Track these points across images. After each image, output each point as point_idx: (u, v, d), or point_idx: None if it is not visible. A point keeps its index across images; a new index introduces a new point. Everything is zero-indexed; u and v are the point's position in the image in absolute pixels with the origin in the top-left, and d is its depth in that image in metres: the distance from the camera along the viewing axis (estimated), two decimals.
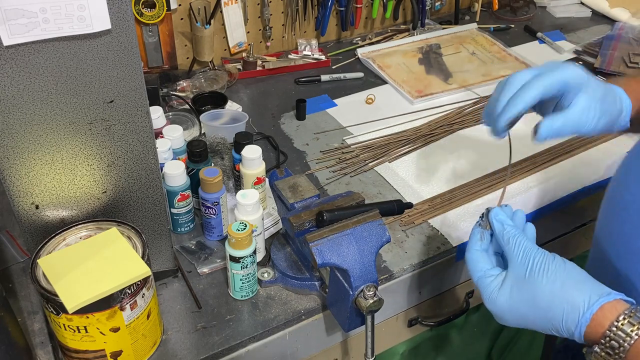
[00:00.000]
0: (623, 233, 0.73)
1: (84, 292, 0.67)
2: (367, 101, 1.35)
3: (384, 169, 1.15)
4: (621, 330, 0.60)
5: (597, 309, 0.61)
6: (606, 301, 0.62)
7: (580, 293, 0.63)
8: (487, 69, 1.47)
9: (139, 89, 0.73)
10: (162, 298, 0.89)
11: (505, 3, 1.78)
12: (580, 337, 0.63)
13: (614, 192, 0.77)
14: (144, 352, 0.79)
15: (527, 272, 0.66)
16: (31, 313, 0.86)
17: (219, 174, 0.92)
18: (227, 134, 1.10)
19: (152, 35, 1.27)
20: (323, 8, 1.47)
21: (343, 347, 1.02)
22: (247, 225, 0.83)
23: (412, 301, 1.04)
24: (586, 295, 0.62)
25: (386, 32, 1.63)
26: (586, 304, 0.62)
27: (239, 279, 0.86)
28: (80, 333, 0.71)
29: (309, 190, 0.88)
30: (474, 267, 0.72)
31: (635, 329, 0.59)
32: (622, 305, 0.62)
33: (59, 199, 0.75)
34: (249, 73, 1.41)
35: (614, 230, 0.75)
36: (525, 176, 1.14)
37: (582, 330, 0.62)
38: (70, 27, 0.64)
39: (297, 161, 1.16)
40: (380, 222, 0.82)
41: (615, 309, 0.61)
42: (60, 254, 0.73)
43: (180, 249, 0.96)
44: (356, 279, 0.79)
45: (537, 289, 0.65)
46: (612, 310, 0.61)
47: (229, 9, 1.36)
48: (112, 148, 0.75)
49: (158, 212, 0.84)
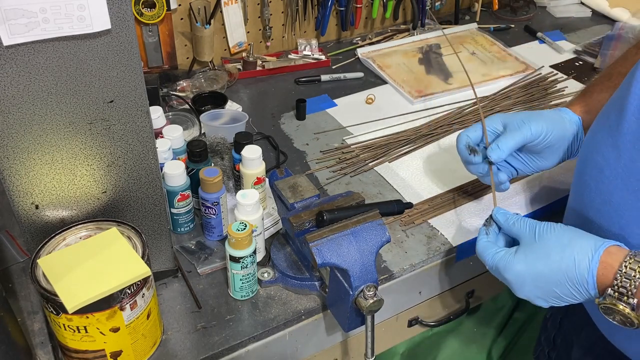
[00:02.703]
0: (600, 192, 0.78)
1: (83, 292, 0.67)
2: (367, 101, 1.35)
3: (384, 169, 1.15)
4: (630, 268, 0.65)
5: (603, 252, 0.68)
6: (609, 244, 0.68)
7: (586, 241, 0.70)
8: (487, 69, 1.47)
9: (139, 89, 0.72)
10: (162, 298, 0.89)
11: (505, 3, 1.78)
12: (593, 283, 0.68)
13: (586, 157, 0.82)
14: (144, 352, 0.79)
15: (537, 236, 0.74)
16: (31, 313, 0.86)
17: (219, 174, 0.92)
18: (227, 134, 1.10)
19: (152, 35, 1.27)
20: (323, 8, 1.47)
21: (343, 347, 1.02)
22: (247, 225, 0.83)
23: (412, 301, 1.05)
24: (591, 242, 0.69)
25: (386, 32, 1.63)
26: (593, 247, 0.69)
27: (239, 279, 0.86)
28: (80, 333, 0.71)
29: (309, 190, 0.88)
30: (485, 252, 0.79)
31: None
32: (623, 249, 0.68)
33: (59, 199, 0.75)
34: (249, 73, 1.41)
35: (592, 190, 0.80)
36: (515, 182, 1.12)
37: (594, 273, 0.68)
38: (70, 27, 0.64)
39: (297, 161, 1.16)
40: (380, 222, 0.82)
41: (620, 251, 0.68)
42: (60, 254, 0.73)
43: (180, 249, 0.96)
44: (356, 279, 0.79)
45: (548, 246, 0.72)
46: (618, 252, 0.68)
47: (229, 8, 1.36)
48: (112, 148, 0.75)
49: (158, 212, 0.84)
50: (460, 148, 0.93)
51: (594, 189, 0.78)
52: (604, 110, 0.82)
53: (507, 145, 0.87)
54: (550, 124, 0.88)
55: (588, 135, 0.83)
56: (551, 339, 1.07)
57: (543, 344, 1.11)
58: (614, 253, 0.68)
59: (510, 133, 0.88)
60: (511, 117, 0.90)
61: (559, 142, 0.90)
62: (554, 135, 0.88)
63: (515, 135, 0.87)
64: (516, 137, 0.87)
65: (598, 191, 0.77)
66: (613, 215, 0.75)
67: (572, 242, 0.70)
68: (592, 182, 0.78)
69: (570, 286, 0.70)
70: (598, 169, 0.77)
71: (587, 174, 0.80)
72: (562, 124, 0.90)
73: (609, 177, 0.75)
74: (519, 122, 0.88)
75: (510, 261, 0.75)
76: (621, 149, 0.73)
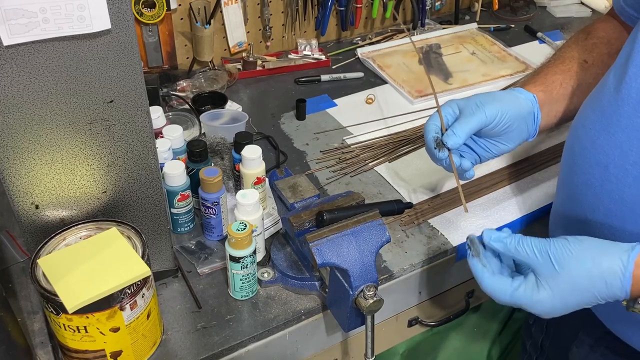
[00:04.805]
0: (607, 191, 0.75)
1: (83, 292, 0.67)
2: (367, 101, 1.35)
3: (384, 169, 1.15)
4: None
5: (632, 268, 0.64)
6: (636, 255, 0.64)
7: (611, 260, 0.65)
8: (487, 69, 1.47)
9: (139, 88, 0.72)
10: (162, 298, 0.89)
11: (505, 3, 1.78)
12: (626, 296, 0.65)
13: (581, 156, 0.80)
14: (143, 352, 0.79)
15: (556, 265, 0.67)
16: (31, 313, 0.86)
17: (219, 174, 0.92)
18: (227, 133, 1.10)
19: (152, 35, 1.27)
20: (323, 8, 1.47)
21: (343, 347, 1.02)
22: (247, 225, 0.83)
23: (412, 301, 1.05)
24: (616, 259, 0.65)
25: (386, 32, 1.63)
26: (621, 266, 0.64)
27: (239, 279, 0.86)
28: (80, 333, 0.71)
29: (308, 190, 0.88)
30: (500, 293, 0.72)
31: None
32: None
33: (58, 199, 0.75)
34: (249, 73, 1.41)
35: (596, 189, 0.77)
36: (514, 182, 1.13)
37: (628, 290, 0.64)
38: (70, 27, 0.64)
39: (297, 161, 1.16)
40: (380, 222, 0.82)
41: None
42: (60, 254, 0.73)
43: (180, 249, 0.96)
44: (356, 278, 0.79)
45: (573, 275, 0.67)
46: None
47: (229, 8, 1.36)
48: (112, 148, 0.75)
49: (158, 212, 0.84)
50: (428, 140, 0.89)
51: (600, 188, 0.76)
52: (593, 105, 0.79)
53: (462, 130, 0.85)
54: (505, 105, 0.86)
55: (578, 130, 0.81)
56: (538, 345, 1.06)
57: (529, 350, 1.09)
58: None
59: (465, 118, 0.86)
60: (466, 101, 0.88)
61: (516, 122, 0.88)
62: (509, 116, 0.86)
63: (470, 120, 0.85)
64: (471, 122, 0.85)
65: (605, 191, 0.75)
66: (627, 214, 0.73)
67: (597, 264, 0.65)
68: (597, 182, 0.76)
69: (601, 301, 0.68)
70: (602, 167, 0.75)
71: (588, 173, 0.78)
72: (517, 104, 0.88)
73: (616, 175, 0.73)
74: (473, 107, 0.86)
75: (534, 296, 0.69)
76: (626, 146, 0.72)
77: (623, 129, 0.72)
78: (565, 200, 0.85)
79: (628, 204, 0.73)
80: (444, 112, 0.89)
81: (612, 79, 0.76)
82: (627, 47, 0.76)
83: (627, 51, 0.75)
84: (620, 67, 0.75)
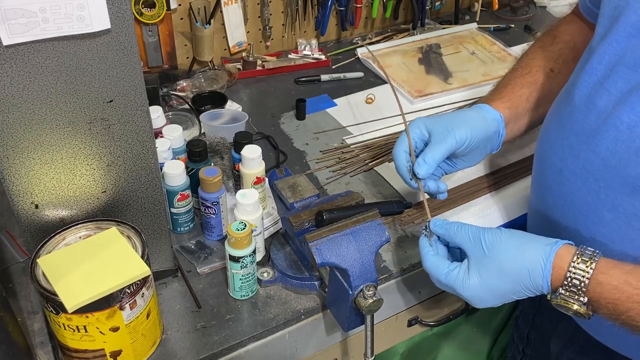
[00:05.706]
0: (561, 193, 0.79)
1: (83, 291, 0.68)
2: (367, 101, 1.35)
3: (384, 169, 1.15)
4: (578, 268, 0.67)
5: (553, 257, 0.69)
6: (557, 248, 0.69)
7: (535, 250, 0.70)
8: (487, 69, 1.47)
9: (138, 88, 0.73)
10: (162, 298, 0.89)
11: (505, 3, 1.78)
12: (548, 287, 0.69)
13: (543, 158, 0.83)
14: (143, 351, 0.79)
15: (485, 249, 0.73)
16: (31, 313, 0.86)
17: (219, 173, 0.92)
18: (226, 133, 1.10)
19: (152, 35, 1.27)
20: (323, 8, 1.47)
21: (343, 347, 1.02)
22: (246, 224, 0.83)
23: (412, 301, 1.05)
24: (540, 250, 0.70)
25: (386, 32, 1.63)
26: (543, 256, 0.69)
27: (239, 278, 0.86)
28: (80, 332, 0.71)
29: (308, 190, 0.88)
30: (437, 271, 0.77)
31: (588, 264, 0.67)
32: (570, 248, 0.69)
33: (58, 198, 0.76)
34: (248, 73, 1.41)
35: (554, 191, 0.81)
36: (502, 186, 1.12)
37: (548, 280, 0.69)
38: (70, 27, 0.64)
39: (297, 161, 1.16)
40: (380, 222, 0.82)
41: (568, 252, 0.69)
42: (60, 254, 0.73)
43: (180, 249, 0.96)
44: (356, 278, 0.79)
45: (500, 260, 0.72)
46: (566, 254, 0.69)
47: (228, 8, 1.36)
48: (112, 148, 0.75)
49: (158, 211, 0.84)
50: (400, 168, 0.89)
51: (555, 190, 0.79)
52: (554, 110, 0.82)
53: (433, 159, 0.85)
54: (474, 128, 0.87)
55: (542, 134, 0.84)
56: (525, 336, 1.08)
57: (516, 341, 1.12)
58: (563, 254, 0.69)
59: (435, 145, 0.86)
60: (434, 124, 0.88)
61: (482, 143, 0.90)
62: (477, 139, 0.88)
63: (441, 147, 0.86)
64: (441, 149, 0.86)
65: (559, 193, 0.79)
66: (578, 216, 0.77)
67: (522, 253, 0.70)
68: (553, 184, 0.80)
69: (526, 292, 0.72)
70: (556, 170, 0.78)
71: (546, 175, 0.81)
72: (484, 125, 0.89)
73: (568, 178, 0.77)
74: (442, 131, 0.86)
75: (465, 280, 0.74)
76: (576, 150, 0.75)
77: (576, 133, 0.75)
78: (534, 197, 0.89)
79: (577, 205, 0.76)
80: (412, 133, 0.89)
81: (569, 85, 0.78)
82: (585, 53, 0.78)
83: (585, 57, 0.77)
84: (576, 73, 0.77)
